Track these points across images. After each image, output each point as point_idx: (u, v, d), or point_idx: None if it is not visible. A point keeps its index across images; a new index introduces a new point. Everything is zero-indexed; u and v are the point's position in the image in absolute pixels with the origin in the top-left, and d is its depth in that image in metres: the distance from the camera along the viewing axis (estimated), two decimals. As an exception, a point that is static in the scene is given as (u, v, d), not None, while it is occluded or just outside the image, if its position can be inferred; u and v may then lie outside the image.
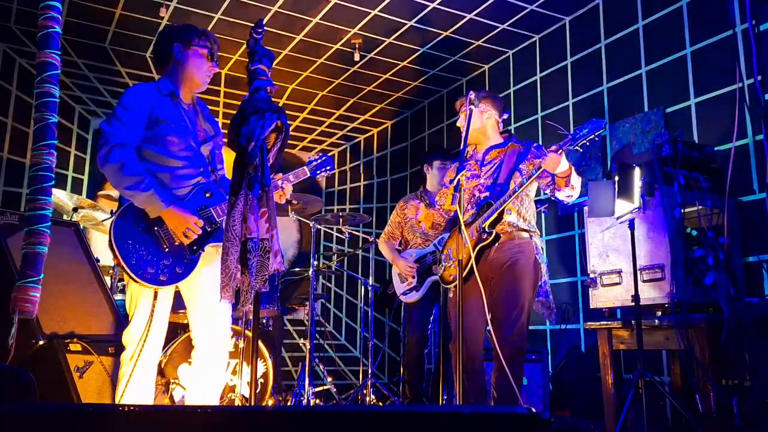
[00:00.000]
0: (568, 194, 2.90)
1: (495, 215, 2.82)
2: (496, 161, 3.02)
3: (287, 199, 2.72)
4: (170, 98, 2.52)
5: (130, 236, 2.36)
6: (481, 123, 3.06)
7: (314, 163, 2.83)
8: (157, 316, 2.40)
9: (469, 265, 2.74)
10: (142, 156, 2.44)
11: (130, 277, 2.33)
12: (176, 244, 2.40)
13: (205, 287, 2.50)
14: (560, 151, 2.69)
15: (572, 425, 3.57)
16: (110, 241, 2.33)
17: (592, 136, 2.64)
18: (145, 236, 2.37)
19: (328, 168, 2.85)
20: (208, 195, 2.51)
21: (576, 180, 2.85)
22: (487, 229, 2.82)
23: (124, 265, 2.32)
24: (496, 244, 2.84)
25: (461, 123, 2.99)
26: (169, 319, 2.56)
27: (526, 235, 2.92)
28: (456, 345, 2.40)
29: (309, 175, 2.79)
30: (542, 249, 2.99)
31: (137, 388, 2.38)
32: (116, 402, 2.37)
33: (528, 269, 2.85)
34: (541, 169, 2.75)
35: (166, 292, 2.46)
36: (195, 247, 2.44)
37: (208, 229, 2.46)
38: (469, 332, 2.80)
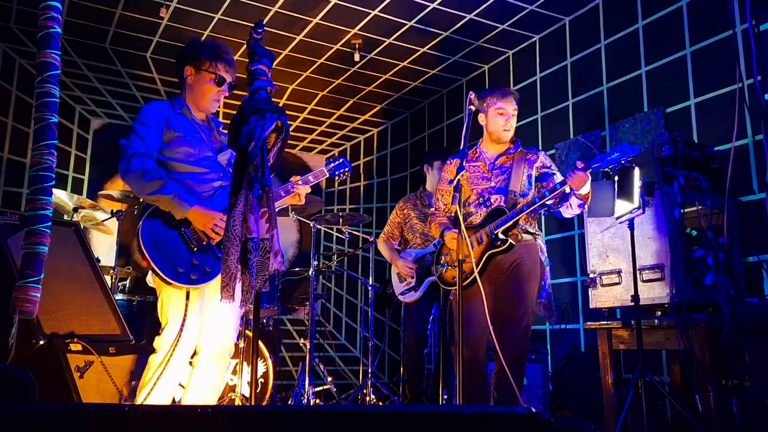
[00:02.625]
0: (575, 213, 2.91)
1: (509, 224, 2.80)
2: (505, 166, 3.02)
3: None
4: (184, 115, 2.57)
5: (158, 238, 2.37)
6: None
7: (333, 164, 2.90)
8: (190, 318, 2.39)
9: (473, 275, 2.72)
10: (162, 166, 2.48)
11: (161, 277, 2.33)
12: (204, 243, 2.42)
13: (215, 293, 2.49)
14: (588, 171, 2.69)
15: (572, 425, 3.57)
16: (139, 244, 2.34)
17: (622, 161, 2.63)
18: (173, 238, 2.39)
19: (346, 170, 2.93)
20: None
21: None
22: (500, 237, 2.81)
23: (154, 266, 2.32)
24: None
25: (510, 124, 2.99)
26: None
27: (530, 237, 2.93)
28: (457, 346, 2.40)
29: (328, 175, 2.86)
30: (545, 250, 3.00)
31: (162, 394, 2.36)
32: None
33: (534, 270, 2.87)
34: (565, 186, 2.72)
35: (197, 294, 2.44)
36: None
37: None
38: (473, 333, 2.80)
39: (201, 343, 2.50)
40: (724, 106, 3.55)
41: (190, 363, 2.53)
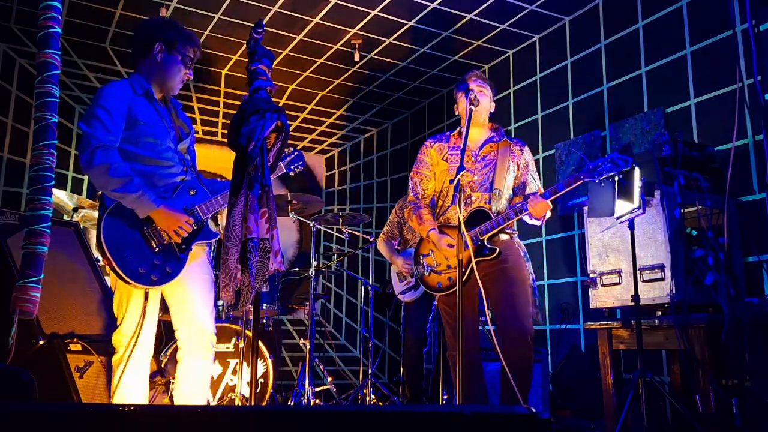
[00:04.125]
0: (536, 222, 2.85)
1: (496, 230, 2.74)
2: (490, 158, 2.92)
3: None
4: (144, 97, 2.47)
5: (119, 237, 2.32)
6: (491, 107, 2.99)
7: (289, 158, 2.84)
8: (148, 317, 2.38)
9: (466, 273, 2.67)
10: (124, 157, 2.40)
11: (121, 278, 2.30)
12: (166, 243, 2.37)
13: (188, 286, 2.47)
14: (562, 192, 2.68)
15: (572, 425, 3.57)
16: (99, 242, 2.29)
17: (613, 174, 2.61)
18: (134, 236, 2.34)
19: (300, 164, 2.89)
20: (192, 193, 2.49)
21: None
22: (487, 245, 2.75)
23: (116, 266, 2.27)
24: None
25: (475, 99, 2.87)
26: (168, 318, 2.56)
27: (505, 236, 2.83)
28: (456, 346, 2.38)
29: (285, 170, 2.82)
30: (524, 246, 2.92)
31: (127, 391, 2.36)
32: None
33: (522, 273, 2.80)
34: (525, 212, 2.70)
35: (156, 292, 2.44)
36: (183, 246, 2.41)
37: (195, 227, 2.44)
38: (467, 333, 2.75)
39: (180, 336, 2.47)
40: (724, 106, 3.55)
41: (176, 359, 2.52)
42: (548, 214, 2.76)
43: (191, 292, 2.47)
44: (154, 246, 2.36)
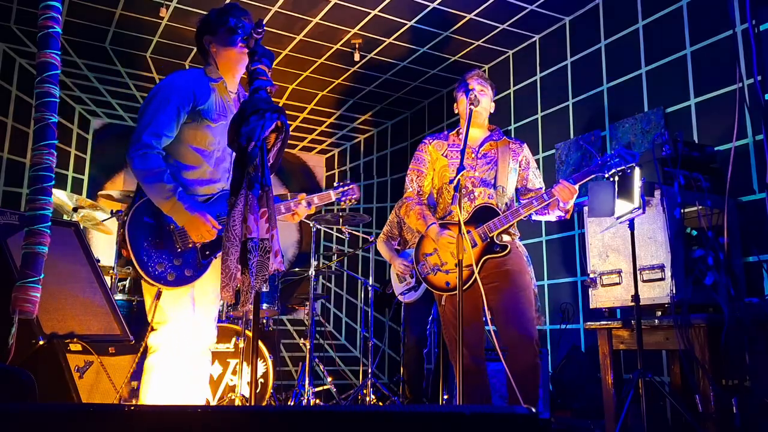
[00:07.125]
0: (549, 220, 2.83)
1: (506, 226, 2.69)
2: (491, 155, 2.89)
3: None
4: (218, 88, 2.44)
5: (144, 231, 2.29)
6: (490, 107, 2.98)
7: (340, 189, 2.83)
8: (160, 316, 2.34)
9: (470, 281, 2.65)
10: (173, 150, 2.36)
11: (138, 272, 2.25)
12: (190, 246, 2.33)
13: (202, 292, 2.45)
14: (583, 181, 2.66)
15: (572, 425, 3.57)
16: (123, 233, 2.26)
17: (623, 167, 2.61)
18: (160, 233, 2.31)
19: (353, 197, 2.86)
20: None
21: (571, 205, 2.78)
22: (497, 242, 2.70)
23: (134, 260, 2.24)
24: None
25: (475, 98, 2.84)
26: None
27: (508, 237, 2.78)
28: (456, 346, 2.37)
29: (333, 199, 2.78)
30: (525, 249, 2.90)
31: (148, 389, 2.33)
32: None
33: (523, 266, 2.79)
34: (552, 198, 2.66)
35: (179, 294, 2.37)
36: (208, 252, 2.37)
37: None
38: (472, 339, 2.71)
39: (188, 340, 2.43)
40: (724, 106, 3.55)
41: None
42: (573, 201, 2.72)
43: (203, 300, 2.45)
44: (178, 247, 2.32)
